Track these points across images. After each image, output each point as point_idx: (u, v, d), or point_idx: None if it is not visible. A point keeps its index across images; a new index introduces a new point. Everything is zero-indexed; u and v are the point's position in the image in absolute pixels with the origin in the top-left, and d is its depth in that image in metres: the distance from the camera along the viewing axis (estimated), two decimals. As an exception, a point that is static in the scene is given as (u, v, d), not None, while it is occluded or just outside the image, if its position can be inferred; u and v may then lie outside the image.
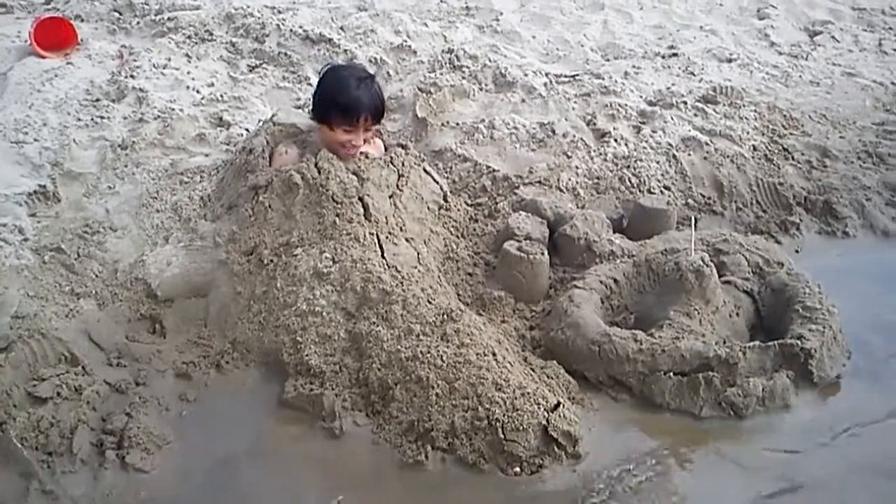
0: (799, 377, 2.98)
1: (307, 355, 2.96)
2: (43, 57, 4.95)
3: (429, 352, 2.84)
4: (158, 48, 5.25)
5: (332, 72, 3.56)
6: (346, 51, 5.29)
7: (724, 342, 3.01)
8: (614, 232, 3.73)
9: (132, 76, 4.79)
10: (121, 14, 5.95)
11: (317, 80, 3.66)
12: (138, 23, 5.74)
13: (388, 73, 5.16)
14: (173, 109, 4.42)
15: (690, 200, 4.12)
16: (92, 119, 4.31)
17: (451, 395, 2.75)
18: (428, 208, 3.67)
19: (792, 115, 4.85)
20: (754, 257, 3.48)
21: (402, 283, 3.08)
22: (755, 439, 2.83)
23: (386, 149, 3.76)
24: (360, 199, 3.34)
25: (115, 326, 3.18)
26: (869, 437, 2.85)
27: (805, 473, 2.69)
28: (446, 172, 4.12)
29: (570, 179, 4.08)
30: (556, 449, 2.66)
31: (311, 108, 3.57)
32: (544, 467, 2.64)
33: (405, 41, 5.50)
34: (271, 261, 3.25)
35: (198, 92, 4.76)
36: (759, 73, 5.43)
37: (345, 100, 3.39)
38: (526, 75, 4.81)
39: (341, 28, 5.64)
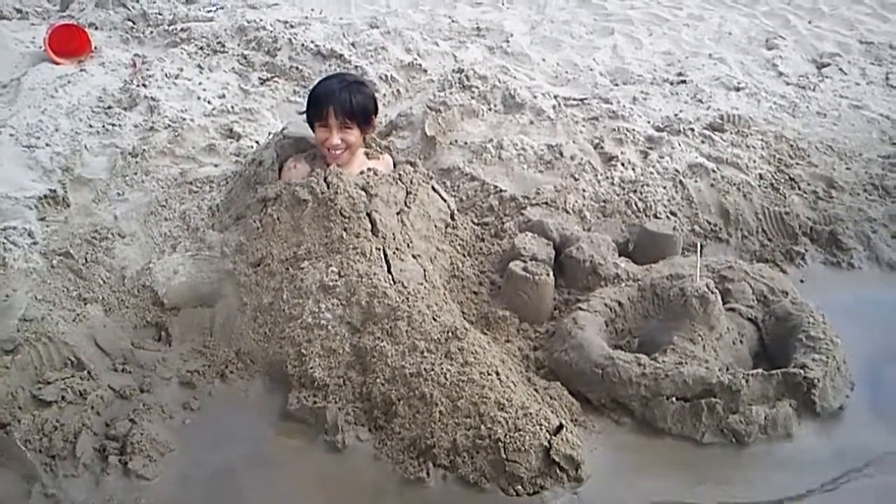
0: (802, 406, 2.97)
1: (311, 368, 2.96)
2: (57, 63, 5.00)
3: (433, 369, 2.84)
4: (171, 58, 5.30)
5: (319, 79, 3.66)
6: (356, 67, 5.33)
7: (728, 369, 3.01)
8: (620, 255, 3.74)
9: (144, 85, 4.83)
10: (134, 23, 6.02)
11: None
12: (151, 32, 5.80)
13: (397, 90, 5.20)
14: (184, 119, 4.46)
15: (696, 227, 4.13)
16: (103, 126, 4.34)
17: (454, 413, 2.75)
18: (435, 226, 3.68)
19: (799, 145, 4.87)
20: (759, 285, 3.49)
21: (407, 299, 3.09)
22: (756, 467, 2.82)
23: (395, 166, 3.78)
24: (368, 214, 3.36)
25: (121, 332, 3.20)
26: (870, 468, 2.84)
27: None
28: (454, 191, 4.14)
29: (576, 202, 4.09)
30: (557, 471, 2.66)
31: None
32: (545, 489, 2.64)
33: (416, 59, 5.54)
34: (278, 273, 3.27)
35: (209, 103, 4.79)
36: (767, 103, 5.46)
37: (314, 93, 3.49)
38: (535, 97, 4.84)
39: (352, 44, 5.69)
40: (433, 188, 3.79)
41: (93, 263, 3.41)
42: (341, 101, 3.43)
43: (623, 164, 4.35)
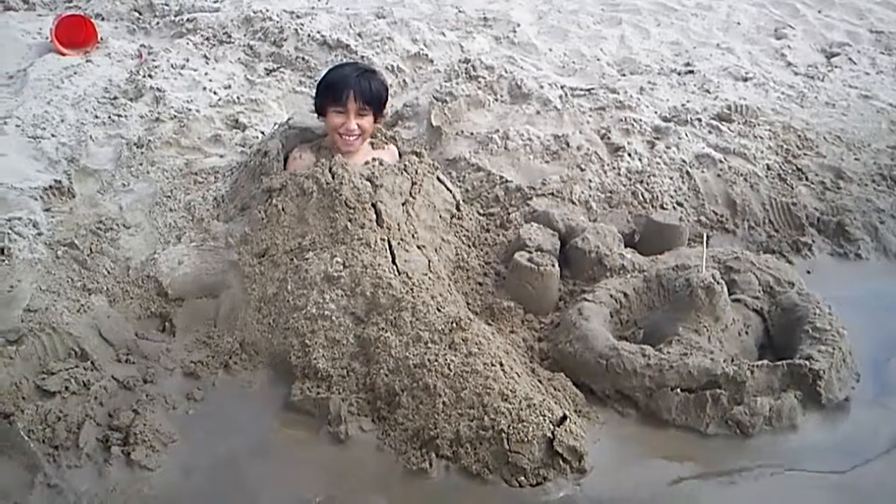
0: (807, 398, 2.96)
1: (315, 359, 2.96)
2: (63, 54, 5.00)
3: (436, 360, 2.84)
4: (177, 49, 5.29)
5: (330, 67, 3.60)
6: (363, 57, 5.31)
7: (733, 360, 3.00)
8: (626, 246, 3.72)
9: (150, 76, 4.82)
10: (141, 14, 6.01)
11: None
12: (158, 23, 5.79)
13: (403, 80, 5.18)
14: (190, 110, 4.45)
15: (703, 217, 4.11)
16: (109, 117, 4.34)
17: (458, 404, 2.75)
18: (440, 216, 3.67)
19: (807, 135, 4.84)
20: (765, 276, 3.47)
21: (412, 289, 3.09)
22: (761, 458, 2.81)
23: (400, 156, 3.77)
24: (373, 205, 3.35)
25: (125, 323, 3.20)
26: (875, 460, 2.83)
27: (809, 495, 2.68)
28: (459, 181, 4.13)
29: (582, 192, 4.08)
30: (560, 462, 2.65)
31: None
32: (548, 480, 2.63)
33: (422, 50, 5.52)
34: (282, 263, 3.26)
35: (214, 93, 4.79)
36: (775, 93, 5.42)
37: (330, 79, 3.46)
38: (541, 87, 4.82)
39: (359, 35, 5.67)
40: (439, 179, 3.77)
41: (97, 254, 3.41)
42: (361, 86, 3.41)
43: (630, 155, 4.33)
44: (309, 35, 5.53)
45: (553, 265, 3.45)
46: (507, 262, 3.57)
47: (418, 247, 3.37)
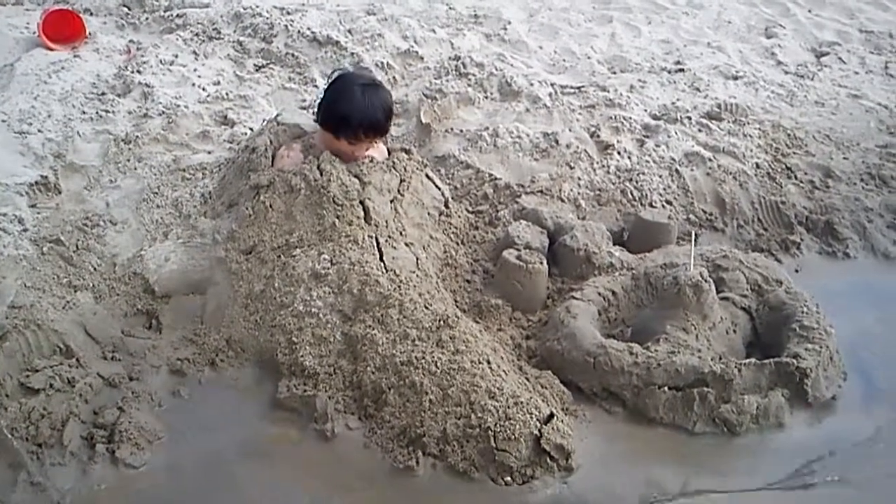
0: (794, 396, 2.97)
1: (302, 356, 2.95)
2: (50, 49, 4.97)
3: (423, 357, 2.83)
4: (166, 44, 5.26)
5: (341, 81, 3.46)
6: (353, 54, 5.30)
7: (720, 358, 3.00)
8: (614, 244, 3.72)
9: (139, 71, 4.79)
10: (130, 9, 5.98)
11: (325, 84, 3.55)
12: (147, 18, 5.76)
13: (393, 77, 5.17)
14: (178, 106, 4.43)
15: (692, 216, 4.11)
16: (97, 112, 4.32)
17: (444, 402, 2.74)
18: (428, 214, 3.66)
19: (796, 134, 4.84)
20: (753, 275, 3.47)
21: (399, 287, 3.08)
22: (748, 457, 2.81)
23: (389, 153, 3.75)
24: (361, 202, 3.34)
25: (111, 320, 3.18)
26: (861, 459, 2.84)
27: (796, 494, 2.68)
28: (448, 179, 4.12)
29: (571, 190, 4.07)
30: (548, 461, 2.65)
31: (317, 112, 3.51)
32: (535, 478, 2.63)
33: (412, 47, 5.50)
34: (270, 260, 3.25)
35: (203, 89, 4.76)
36: (765, 92, 5.43)
37: (344, 110, 3.35)
38: (531, 85, 4.81)
39: (349, 31, 5.65)
40: (427, 176, 3.76)
41: (84, 251, 3.39)
42: (379, 125, 3.40)
43: (619, 153, 4.33)
44: (299, 31, 5.50)
45: (541, 263, 3.44)
46: (496, 260, 3.56)
47: (406, 244, 3.36)
